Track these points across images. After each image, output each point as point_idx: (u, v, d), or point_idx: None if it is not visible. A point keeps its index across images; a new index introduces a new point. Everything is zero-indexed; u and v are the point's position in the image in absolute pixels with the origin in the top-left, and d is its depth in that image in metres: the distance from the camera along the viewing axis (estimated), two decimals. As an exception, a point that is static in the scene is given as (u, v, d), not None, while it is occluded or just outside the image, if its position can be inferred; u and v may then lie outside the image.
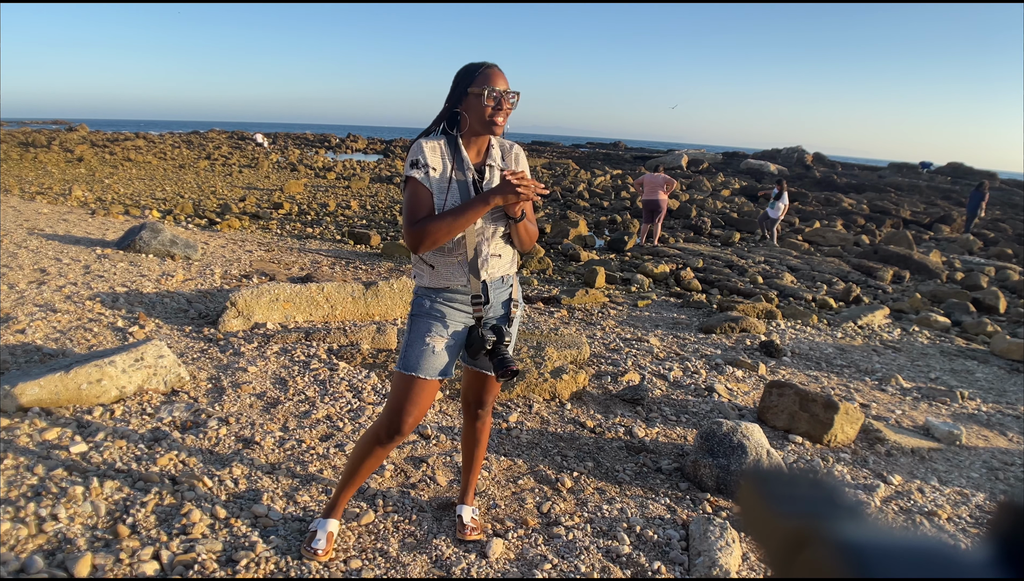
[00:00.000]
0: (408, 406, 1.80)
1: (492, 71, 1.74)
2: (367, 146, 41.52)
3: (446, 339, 1.84)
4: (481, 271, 1.82)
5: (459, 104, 1.77)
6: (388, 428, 1.82)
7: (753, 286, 8.16)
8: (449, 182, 1.77)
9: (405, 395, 1.80)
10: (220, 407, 2.91)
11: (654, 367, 4.14)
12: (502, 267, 1.89)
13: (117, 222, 7.92)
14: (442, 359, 1.83)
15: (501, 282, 1.91)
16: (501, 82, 1.74)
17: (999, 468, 3.24)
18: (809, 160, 33.74)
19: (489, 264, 1.85)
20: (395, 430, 1.81)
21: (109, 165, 18.18)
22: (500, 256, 1.88)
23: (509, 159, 1.90)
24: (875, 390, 4.31)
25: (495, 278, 1.88)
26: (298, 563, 1.93)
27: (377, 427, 1.86)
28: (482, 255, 1.83)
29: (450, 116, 1.80)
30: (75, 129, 36.36)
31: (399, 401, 1.80)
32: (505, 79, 1.75)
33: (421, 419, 1.87)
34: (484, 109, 1.72)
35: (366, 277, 6.15)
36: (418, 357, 1.80)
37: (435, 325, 1.83)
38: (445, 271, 1.82)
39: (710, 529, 2.23)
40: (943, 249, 13.39)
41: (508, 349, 1.85)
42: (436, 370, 1.82)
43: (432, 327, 1.83)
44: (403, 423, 1.80)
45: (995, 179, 30.08)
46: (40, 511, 2.01)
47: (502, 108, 1.74)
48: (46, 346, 3.40)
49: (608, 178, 23.30)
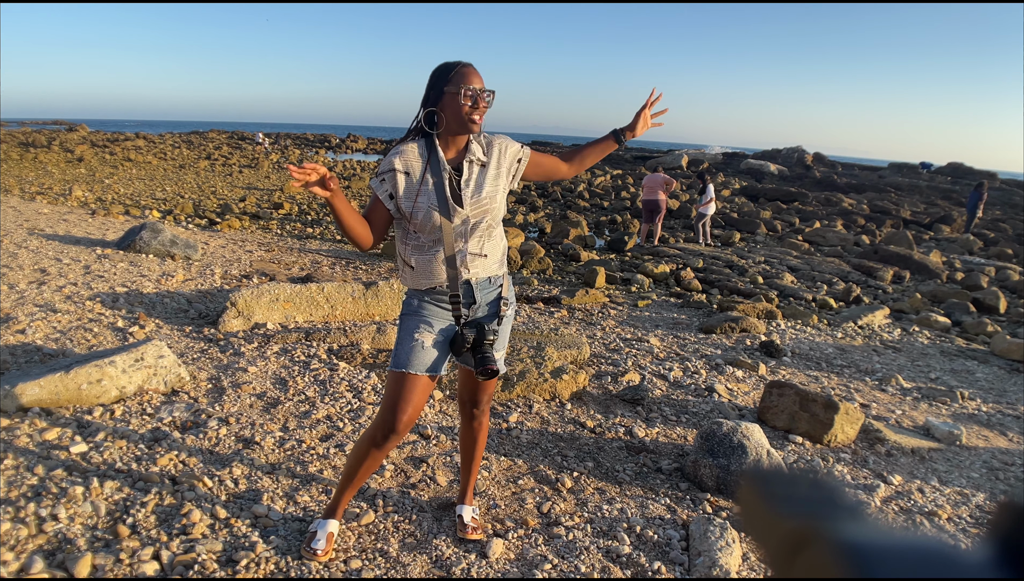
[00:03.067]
0: (402, 404, 1.80)
1: (467, 69, 1.73)
2: (367, 146, 41.55)
3: (434, 336, 1.85)
4: (461, 270, 1.82)
5: (436, 104, 1.76)
6: (383, 427, 1.82)
7: (753, 286, 8.16)
8: (420, 185, 1.77)
9: (397, 392, 1.81)
10: (220, 407, 2.91)
11: (654, 367, 4.14)
12: (488, 268, 1.86)
13: (117, 222, 7.92)
14: (431, 355, 1.83)
15: (488, 282, 1.89)
16: (476, 80, 1.73)
17: (999, 468, 3.24)
18: (809, 160, 33.73)
19: (472, 263, 1.83)
20: (390, 429, 1.81)
21: (109, 165, 18.18)
22: (486, 256, 1.85)
23: (492, 152, 1.85)
24: (875, 390, 4.31)
25: (480, 278, 1.86)
26: (298, 563, 1.93)
27: (373, 428, 1.86)
28: (461, 254, 1.81)
29: (427, 116, 1.77)
30: (75, 129, 36.36)
31: (392, 400, 1.81)
32: (480, 77, 1.74)
33: (416, 418, 1.86)
34: (461, 108, 1.72)
35: (366, 277, 6.15)
36: (407, 354, 1.82)
37: (423, 322, 1.85)
38: (424, 270, 1.82)
39: (710, 529, 2.23)
40: (943, 249, 13.39)
41: (492, 347, 1.84)
42: (424, 366, 1.82)
43: (420, 325, 1.84)
44: (397, 421, 1.80)
45: (995, 179, 30.06)
46: (40, 511, 2.01)
47: (478, 106, 1.73)
48: (46, 346, 3.40)
49: (608, 178, 23.31)
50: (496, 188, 1.85)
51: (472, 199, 1.80)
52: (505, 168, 1.88)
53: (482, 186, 1.82)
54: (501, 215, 1.90)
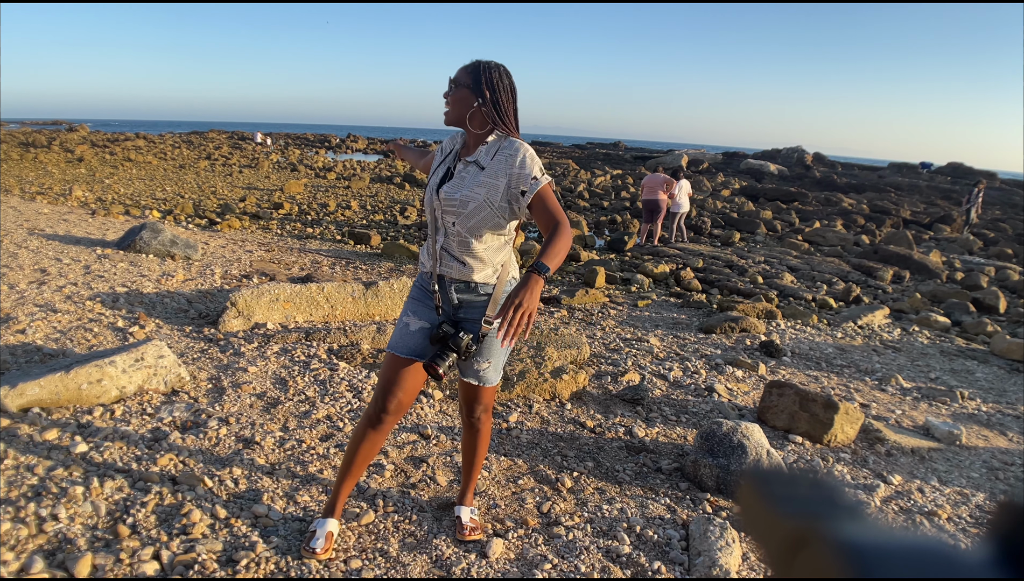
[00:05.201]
0: (388, 384, 1.87)
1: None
2: (367, 146, 41.54)
3: (422, 321, 1.89)
4: (437, 262, 1.86)
5: None
6: (374, 406, 1.90)
7: (753, 286, 8.16)
8: (439, 164, 1.93)
9: (384, 373, 1.89)
10: (220, 407, 2.91)
11: (654, 367, 4.14)
12: (461, 273, 1.82)
13: (117, 222, 7.92)
14: (415, 339, 1.88)
15: (466, 287, 1.85)
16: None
17: (999, 468, 3.24)
18: (809, 160, 33.74)
19: (443, 262, 1.85)
20: (380, 408, 1.88)
21: (109, 165, 18.18)
22: (464, 264, 1.81)
23: (496, 158, 1.78)
24: (875, 390, 4.31)
25: (454, 278, 1.85)
26: (298, 563, 1.93)
27: (367, 410, 1.94)
28: (440, 247, 1.85)
29: None
30: (75, 129, 36.37)
31: (382, 379, 1.90)
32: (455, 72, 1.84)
33: (408, 402, 1.90)
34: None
35: (366, 277, 6.15)
36: (396, 335, 1.91)
37: (415, 305, 1.92)
38: (425, 248, 1.94)
39: (710, 529, 2.23)
40: (943, 249, 13.39)
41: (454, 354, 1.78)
42: (407, 347, 1.87)
43: (411, 308, 1.92)
44: (387, 402, 1.86)
45: (995, 179, 30.08)
46: (40, 511, 2.01)
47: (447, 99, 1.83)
48: (46, 346, 3.39)
49: (608, 178, 23.30)
50: (478, 196, 1.75)
51: (445, 194, 1.80)
52: (503, 184, 1.76)
53: (462, 187, 1.77)
54: (483, 230, 1.79)
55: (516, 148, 1.78)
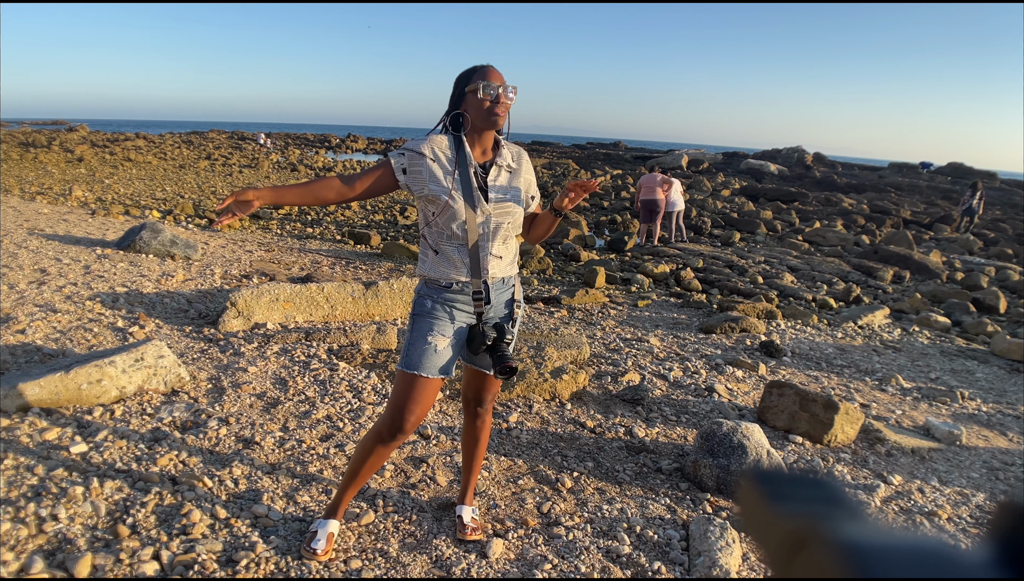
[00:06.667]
0: (410, 404, 1.82)
1: (487, 69, 1.79)
2: (367, 146, 41.56)
3: (448, 338, 1.86)
4: (483, 268, 1.85)
5: (459, 105, 1.82)
6: (391, 427, 1.83)
7: (753, 286, 8.16)
8: (454, 172, 1.80)
9: (407, 394, 1.82)
10: (220, 407, 2.91)
11: (654, 367, 4.14)
12: (502, 269, 1.91)
13: (117, 222, 7.92)
14: (443, 357, 1.85)
15: (502, 283, 1.93)
16: (497, 78, 1.78)
17: (999, 468, 3.24)
18: (809, 160, 33.74)
19: (490, 264, 1.86)
20: (398, 428, 1.83)
21: (109, 165, 18.18)
22: (500, 258, 1.89)
23: (521, 163, 1.95)
24: (875, 390, 4.31)
25: (496, 279, 1.90)
26: (298, 563, 1.93)
27: (379, 426, 1.87)
28: (484, 252, 1.85)
29: (452, 118, 1.83)
30: (75, 129, 36.37)
31: (402, 400, 1.82)
32: (501, 76, 1.79)
33: (424, 417, 1.88)
34: (482, 103, 1.76)
35: (366, 277, 6.15)
36: (420, 355, 1.82)
37: (436, 324, 1.85)
38: (446, 260, 1.83)
39: (710, 529, 2.23)
40: (943, 249, 13.38)
41: (508, 347, 1.87)
42: (437, 368, 1.84)
43: (434, 326, 1.84)
44: (405, 421, 1.82)
45: (995, 179, 30.06)
46: (40, 511, 2.01)
47: (499, 101, 1.77)
48: (46, 346, 3.40)
49: (608, 178, 23.29)
50: (519, 193, 1.91)
51: (498, 199, 1.84)
52: (526, 183, 1.95)
53: (509, 190, 1.88)
54: (519, 225, 1.95)
55: (526, 155, 1.97)
